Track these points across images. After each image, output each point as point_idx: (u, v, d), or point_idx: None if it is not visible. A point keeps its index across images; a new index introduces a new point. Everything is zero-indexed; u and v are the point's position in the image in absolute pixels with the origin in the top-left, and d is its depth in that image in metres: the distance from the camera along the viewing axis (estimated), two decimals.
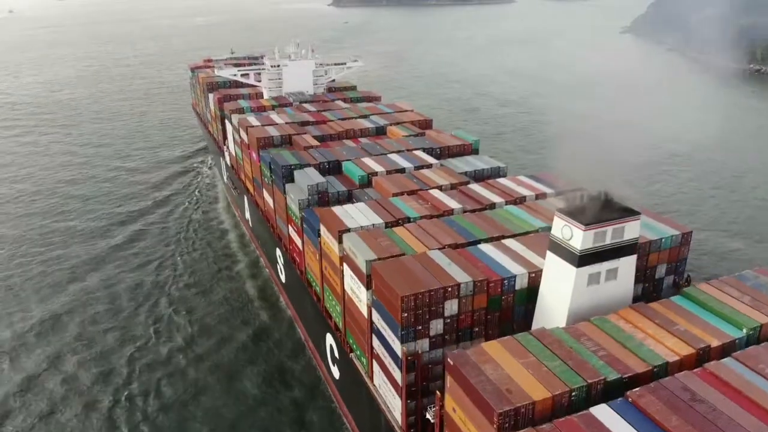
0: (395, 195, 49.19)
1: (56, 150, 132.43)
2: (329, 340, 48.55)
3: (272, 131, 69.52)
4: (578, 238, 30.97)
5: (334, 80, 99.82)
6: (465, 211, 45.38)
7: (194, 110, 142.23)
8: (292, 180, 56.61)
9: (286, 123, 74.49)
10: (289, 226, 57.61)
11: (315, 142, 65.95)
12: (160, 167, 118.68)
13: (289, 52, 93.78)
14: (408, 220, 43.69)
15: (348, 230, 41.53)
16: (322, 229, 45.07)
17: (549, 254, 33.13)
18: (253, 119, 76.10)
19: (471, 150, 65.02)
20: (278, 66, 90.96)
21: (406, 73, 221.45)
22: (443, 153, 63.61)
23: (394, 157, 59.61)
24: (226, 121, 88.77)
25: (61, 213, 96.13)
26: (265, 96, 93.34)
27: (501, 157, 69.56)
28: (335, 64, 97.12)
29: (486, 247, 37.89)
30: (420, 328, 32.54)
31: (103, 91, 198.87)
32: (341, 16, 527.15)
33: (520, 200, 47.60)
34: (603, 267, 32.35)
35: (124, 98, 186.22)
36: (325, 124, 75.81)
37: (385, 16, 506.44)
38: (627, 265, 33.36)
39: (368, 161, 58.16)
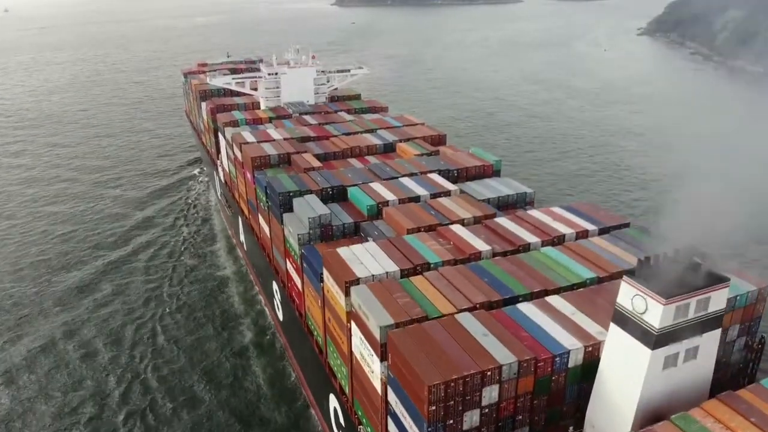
0: (411, 231, 42.77)
1: (40, 163, 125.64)
2: (333, 401, 42.09)
3: (269, 149, 63.21)
4: (656, 313, 24.56)
5: (336, 88, 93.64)
6: (495, 254, 38.93)
7: (187, 118, 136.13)
8: (290, 209, 50.28)
9: (285, 139, 68.22)
10: (287, 261, 51.25)
11: (316, 163, 59.62)
12: (151, 181, 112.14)
13: (288, 58, 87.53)
14: (428, 266, 37.25)
15: (357, 281, 35.13)
16: (326, 275, 38.70)
17: (614, 328, 26.70)
18: (247, 134, 69.84)
19: (492, 171, 58.67)
20: (276, 74, 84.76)
21: (417, 79, 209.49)
22: (461, 175, 57.25)
23: (406, 181, 53.23)
24: (219, 134, 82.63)
25: (41, 239, 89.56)
26: (262, 106, 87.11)
27: (527, 179, 63.11)
28: (338, 72, 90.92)
29: (528, 308, 31.46)
30: (451, 422, 26.12)
31: (94, 98, 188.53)
32: (346, 15, 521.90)
33: (558, 239, 41.14)
34: (682, 346, 25.94)
35: (117, 106, 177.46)
36: (327, 140, 69.52)
37: (391, 16, 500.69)
38: (710, 341, 26.94)
39: (377, 187, 51.76)
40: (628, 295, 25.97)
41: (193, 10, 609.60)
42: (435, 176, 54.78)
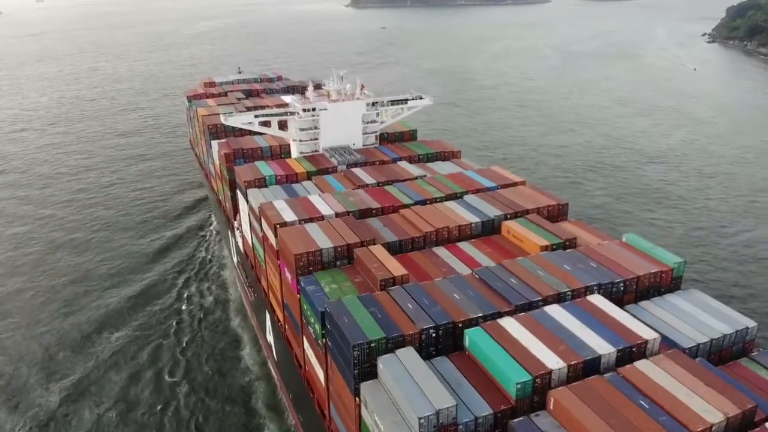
0: None
1: (9, 212, 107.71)
2: None
3: (320, 239, 43.97)
4: None
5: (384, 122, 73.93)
6: None
7: (192, 149, 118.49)
8: (372, 371, 31.28)
9: (338, 215, 49.30)
10: None
11: (395, 265, 40.16)
12: (146, 240, 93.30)
13: (328, 87, 68.66)
14: None
15: None
16: None
17: None
18: (283, 206, 50.90)
19: (671, 279, 39.35)
20: (314, 109, 65.95)
21: (483, 105, 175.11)
22: (628, 289, 37.98)
23: (560, 316, 33.64)
24: (239, 193, 64.10)
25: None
26: (294, 153, 68.30)
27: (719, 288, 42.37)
28: (391, 103, 71.66)
29: None
30: None
31: (77, 134, 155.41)
32: (363, 18, 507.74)
33: None
34: None
35: (110, 141, 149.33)
36: (396, 213, 50.53)
37: (414, 19, 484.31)
38: None
39: (514, 328, 32.41)
40: None
41: (196, 12, 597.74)
42: (599, 300, 35.40)
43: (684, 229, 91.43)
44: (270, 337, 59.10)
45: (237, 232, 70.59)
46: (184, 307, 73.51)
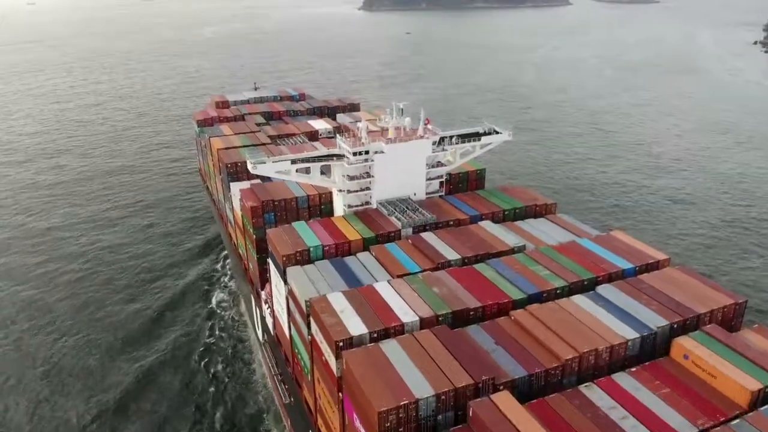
0: None
1: None
2: None
3: (411, 379, 29.34)
4: None
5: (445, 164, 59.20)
6: None
7: (202, 180, 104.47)
8: None
9: (423, 322, 34.71)
10: None
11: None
12: (138, 299, 78.88)
13: (383, 124, 54.11)
14: None
15: None
16: None
17: None
18: (343, 306, 36.40)
19: None
20: (366, 152, 51.43)
21: (550, 130, 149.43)
22: None
23: None
24: (271, 264, 49.62)
25: None
26: (338, 207, 53.74)
27: None
28: (460, 139, 56.78)
29: None
30: None
31: (74, 163, 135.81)
32: (377, 22, 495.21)
33: None
34: None
35: (105, 169, 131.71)
36: (507, 317, 35.87)
37: (434, 24, 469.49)
38: None
39: None
40: None
41: (198, 16, 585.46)
42: None
43: None
44: None
45: (265, 306, 56.25)
46: None
